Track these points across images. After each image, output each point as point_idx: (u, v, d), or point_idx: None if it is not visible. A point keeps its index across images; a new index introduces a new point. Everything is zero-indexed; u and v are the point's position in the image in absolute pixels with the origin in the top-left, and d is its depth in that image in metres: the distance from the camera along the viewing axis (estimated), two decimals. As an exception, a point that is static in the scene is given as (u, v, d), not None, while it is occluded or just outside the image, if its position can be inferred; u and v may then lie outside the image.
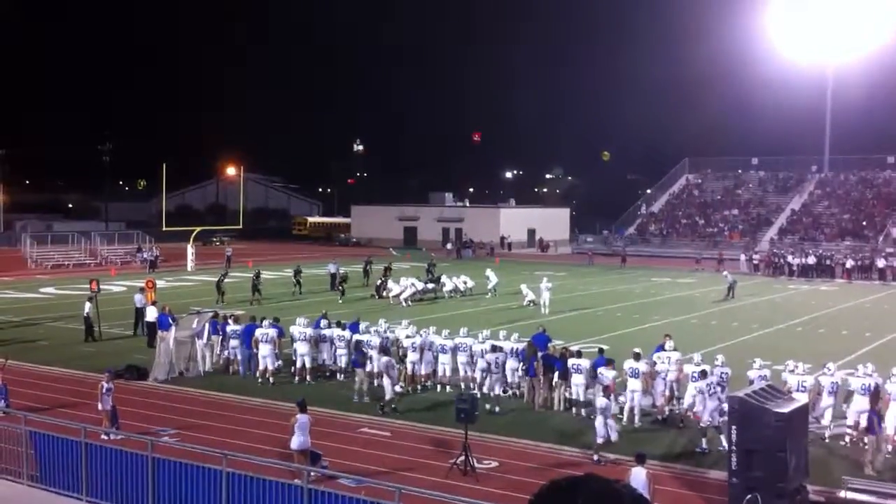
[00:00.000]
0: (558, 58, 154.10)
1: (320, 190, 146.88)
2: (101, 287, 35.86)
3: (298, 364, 23.58)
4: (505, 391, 21.97)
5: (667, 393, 20.32)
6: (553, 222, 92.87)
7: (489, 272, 44.22)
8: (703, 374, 18.76)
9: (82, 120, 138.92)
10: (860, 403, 17.98)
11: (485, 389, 21.77)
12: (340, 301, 39.45)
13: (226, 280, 40.42)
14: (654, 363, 20.48)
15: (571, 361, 20.69)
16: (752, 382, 18.52)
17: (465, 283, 43.52)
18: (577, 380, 20.45)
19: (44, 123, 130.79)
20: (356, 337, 23.22)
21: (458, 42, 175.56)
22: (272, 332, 23.46)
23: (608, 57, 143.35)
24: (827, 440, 18.38)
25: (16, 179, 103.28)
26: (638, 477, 13.42)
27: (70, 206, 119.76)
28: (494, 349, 21.99)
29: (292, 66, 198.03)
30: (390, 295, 40.40)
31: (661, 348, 21.29)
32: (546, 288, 37.99)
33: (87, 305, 29.74)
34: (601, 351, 21.64)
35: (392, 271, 45.43)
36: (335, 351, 23.78)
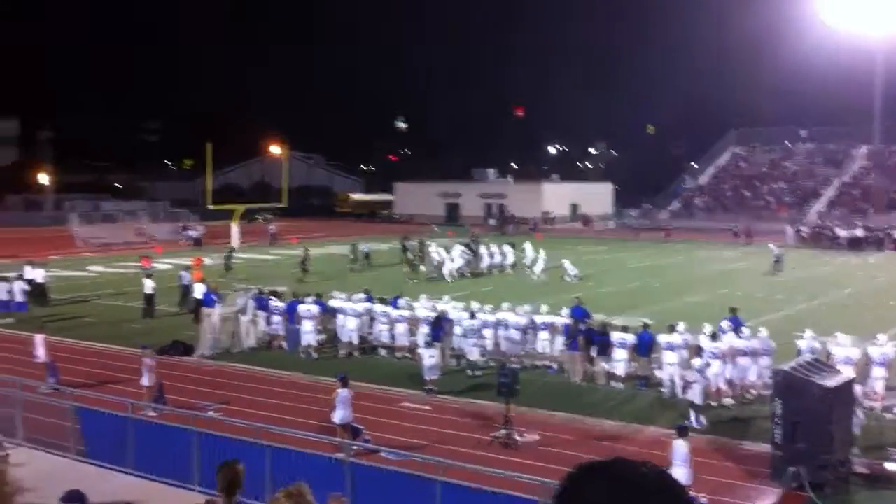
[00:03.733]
0: (601, 31, 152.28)
1: (363, 167, 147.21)
2: (151, 264, 36.43)
3: (345, 339, 23.75)
4: (548, 366, 21.97)
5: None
6: (596, 197, 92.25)
7: (527, 246, 44.02)
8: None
9: (129, 101, 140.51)
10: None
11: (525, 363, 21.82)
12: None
13: (236, 257, 41.14)
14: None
15: (617, 336, 20.60)
16: (800, 353, 18.32)
17: (503, 255, 43.49)
18: (621, 354, 20.34)
19: (91, 104, 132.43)
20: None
21: (500, 16, 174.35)
22: (315, 309, 23.66)
23: (652, 29, 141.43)
24: (879, 412, 18.11)
25: (64, 160, 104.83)
26: (679, 450, 13.36)
27: (117, 185, 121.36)
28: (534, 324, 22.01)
29: (335, 43, 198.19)
30: (436, 270, 40.44)
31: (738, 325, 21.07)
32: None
33: (149, 283, 30.17)
34: (646, 325, 21.50)
35: (427, 246, 45.24)
36: (377, 326, 23.94)
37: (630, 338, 20.47)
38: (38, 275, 32.59)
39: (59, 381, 19.44)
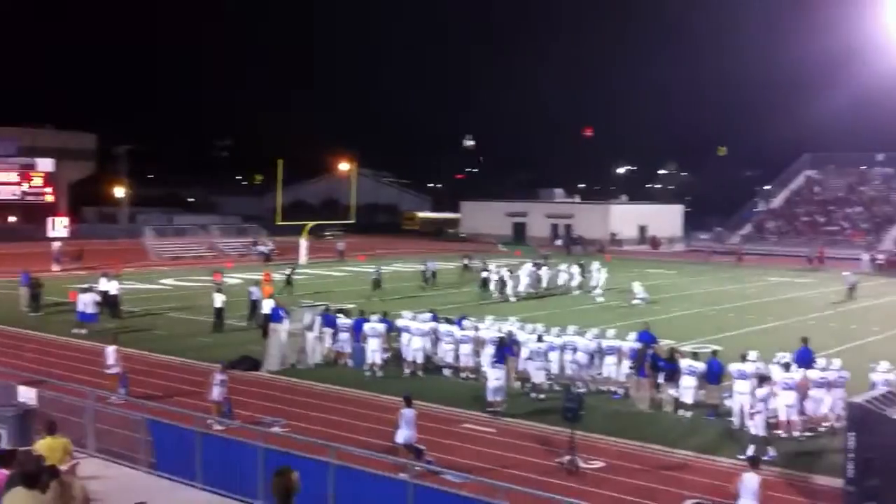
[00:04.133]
0: (671, 51, 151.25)
1: (430, 185, 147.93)
2: (222, 278, 37.08)
3: (409, 358, 23.80)
4: (614, 392, 21.72)
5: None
6: (665, 219, 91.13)
7: (595, 266, 43.68)
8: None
9: (203, 118, 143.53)
10: None
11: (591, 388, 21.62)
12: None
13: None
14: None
15: (685, 362, 20.24)
16: (873, 386, 17.81)
17: (570, 276, 43.24)
18: (689, 382, 19.96)
19: (166, 120, 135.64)
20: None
21: (570, 35, 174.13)
22: (380, 327, 23.76)
23: (725, 51, 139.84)
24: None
25: (140, 174, 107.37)
26: (749, 482, 13.04)
27: (190, 200, 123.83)
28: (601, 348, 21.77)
29: (404, 63, 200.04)
30: (496, 290, 40.31)
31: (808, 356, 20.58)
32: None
33: (219, 297, 30.66)
34: (714, 353, 21.12)
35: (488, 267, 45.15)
36: (442, 346, 23.94)
37: (700, 365, 20.08)
38: (112, 287, 33.34)
39: (129, 393, 19.81)
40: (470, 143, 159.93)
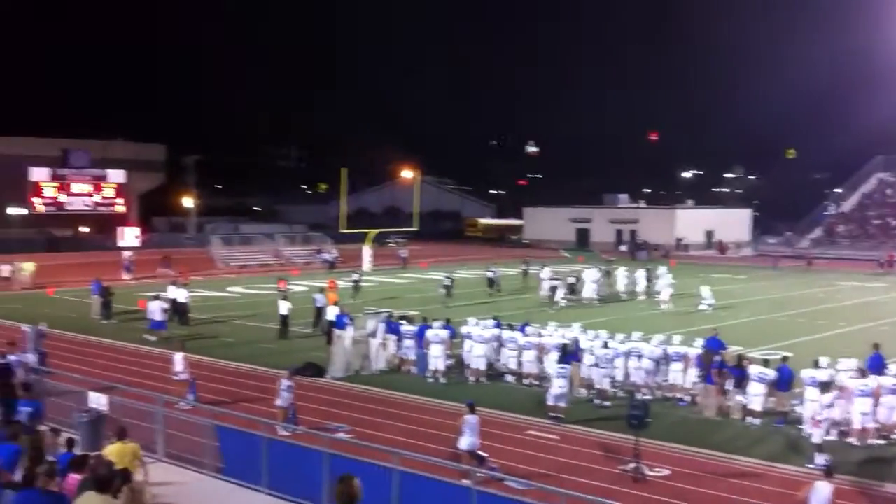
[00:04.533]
0: (738, 51, 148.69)
1: (492, 192, 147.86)
2: (287, 286, 37.52)
3: (472, 365, 23.78)
4: (680, 399, 21.42)
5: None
6: (733, 223, 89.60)
7: (661, 272, 43.16)
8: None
9: (268, 128, 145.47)
10: None
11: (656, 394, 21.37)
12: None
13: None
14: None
15: (755, 369, 19.83)
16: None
17: (635, 282, 42.83)
18: (758, 389, 19.55)
19: (232, 131, 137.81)
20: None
21: (635, 38, 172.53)
22: (443, 333, 23.79)
23: (793, 50, 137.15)
24: None
25: (207, 184, 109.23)
26: (821, 491, 12.73)
27: (256, 209, 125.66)
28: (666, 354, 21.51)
29: (466, 68, 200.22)
30: (548, 297, 40.20)
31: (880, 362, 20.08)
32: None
33: (284, 304, 31.02)
34: (785, 359, 20.68)
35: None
36: (505, 353, 23.88)
37: (770, 373, 19.65)
38: (180, 295, 33.96)
39: (197, 399, 20.14)
40: (533, 149, 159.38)
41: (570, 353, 21.61)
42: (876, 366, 19.82)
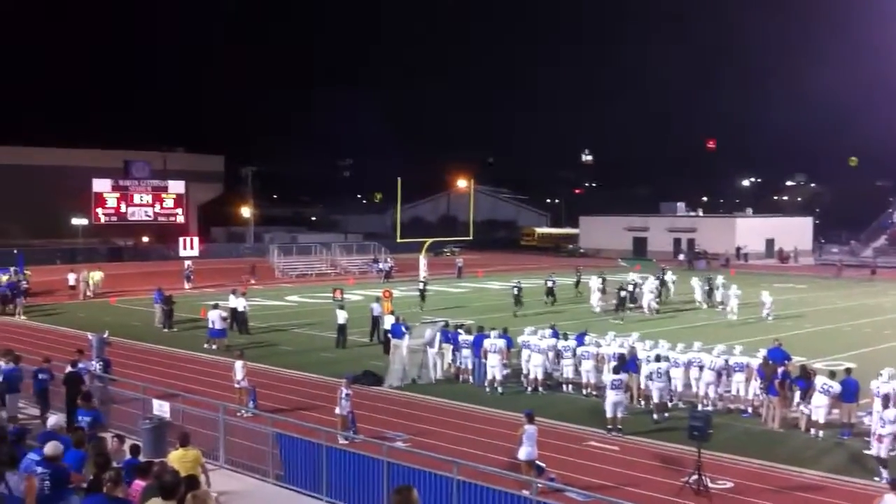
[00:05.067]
0: (796, 58, 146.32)
1: (548, 201, 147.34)
2: (342, 295, 37.82)
3: (531, 374, 23.66)
4: (742, 410, 21.07)
5: None
6: (794, 232, 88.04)
7: (719, 281, 42.52)
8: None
9: (324, 138, 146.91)
10: None
11: (718, 406, 21.05)
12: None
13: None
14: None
15: (820, 380, 19.41)
16: None
17: (692, 291, 42.34)
18: (822, 400, 19.13)
19: (289, 143, 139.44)
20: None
21: (690, 44, 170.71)
22: (500, 343, 23.69)
23: (853, 54, 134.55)
24: None
25: (265, 195, 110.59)
26: (890, 506, 12.38)
27: (313, 218, 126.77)
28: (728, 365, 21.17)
29: (522, 78, 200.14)
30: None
31: None
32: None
33: (342, 313, 31.22)
34: (848, 371, 20.21)
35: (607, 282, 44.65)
36: (563, 362, 23.71)
37: (835, 384, 19.20)
38: (239, 304, 34.35)
39: (258, 407, 20.33)
40: (588, 157, 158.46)
41: (627, 363, 21.37)
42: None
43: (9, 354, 19.54)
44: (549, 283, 44.44)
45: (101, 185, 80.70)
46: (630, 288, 40.85)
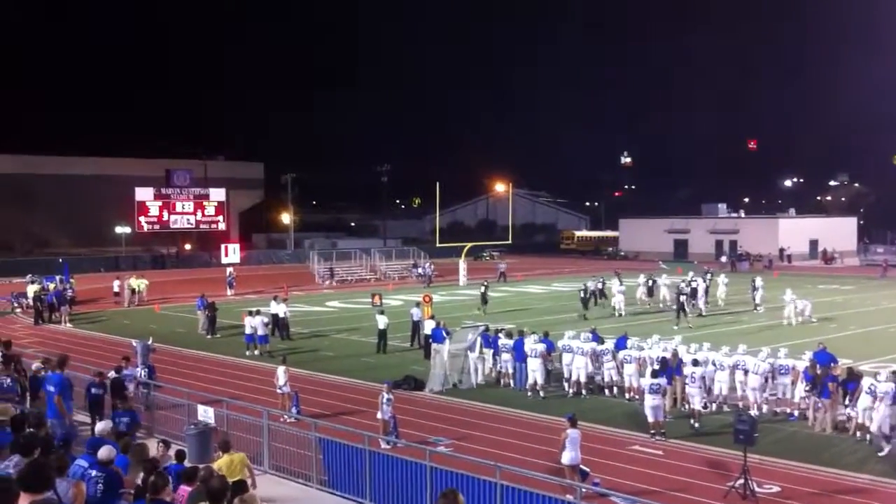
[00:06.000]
0: (837, 56, 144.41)
1: (587, 204, 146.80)
2: (381, 301, 37.95)
3: (573, 377, 23.54)
4: (789, 413, 20.79)
5: None
6: (838, 232, 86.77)
7: (757, 282, 41.90)
8: None
9: (362, 144, 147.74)
10: None
11: (764, 409, 20.79)
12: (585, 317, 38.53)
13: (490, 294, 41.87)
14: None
15: (867, 382, 19.06)
16: None
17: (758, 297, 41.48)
18: (869, 402, 18.80)
19: (328, 149, 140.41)
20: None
21: (734, 47, 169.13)
22: (541, 347, 23.60)
23: (893, 48, 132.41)
24: None
25: (305, 201, 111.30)
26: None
27: (352, 224, 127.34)
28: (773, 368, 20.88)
29: (560, 83, 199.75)
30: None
31: None
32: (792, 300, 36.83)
33: (382, 319, 31.30)
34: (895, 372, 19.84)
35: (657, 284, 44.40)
36: (605, 366, 23.56)
37: (884, 386, 18.87)
38: (280, 310, 34.57)
39: (300, 412, 20.44)
40: (627, 160, 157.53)
41: (668, 367, 21.15)
42: None
43: (51, 362, 19.81)
44: (599, 286, 44.02)
45: (143, 193, 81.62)
46: (688, 291, 39.80)
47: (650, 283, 44.47)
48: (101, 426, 13.15)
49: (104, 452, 10.62)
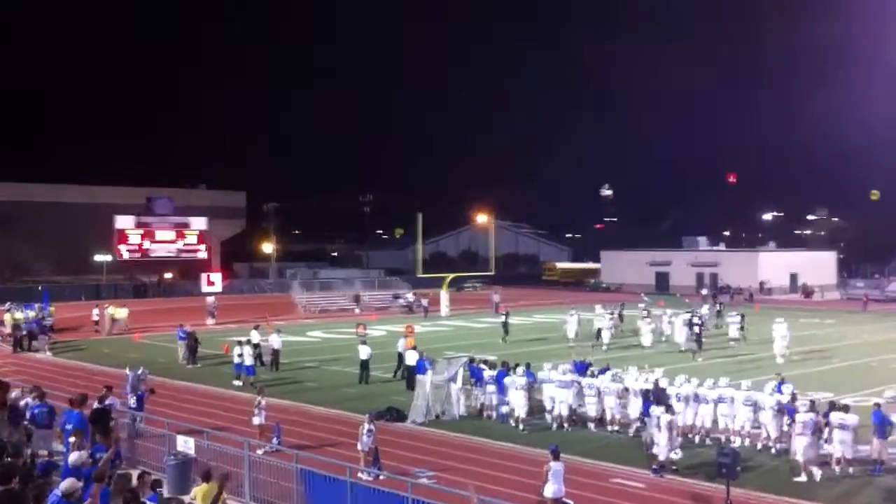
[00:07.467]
0: (816, 93, 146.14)
1: (569, 235, 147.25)
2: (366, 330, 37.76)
3: (556, 411, 23.46)
4: (767, 446, 20.79)
5: None
6: (817, 266, 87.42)
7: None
8: None
9: (345, 174, 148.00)
10: None
11: (746, 443, 20.79)
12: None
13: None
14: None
15: (836, 416, 19.12)
16: None
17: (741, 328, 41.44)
18: (841, 436, 18.83)
19: (311, 178, 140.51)
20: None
21: (718, 84, 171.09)
22: (521, 381, 23.51)
23: (872, 89, 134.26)
24: None
25: (287, 230, 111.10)
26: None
27: (334, 254, 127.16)
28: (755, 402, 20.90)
29: (543, 113, 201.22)
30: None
31: None
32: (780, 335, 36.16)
33: (364, 349, 31.15)
34: (878, 405, 19.92)
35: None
36: (585, 398, 23.48)
37: (851, 418, 18.93)
38: (275, 341, 34.22)
39: (282, 443, 20.27)
40: (607, 192, 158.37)
41: (649, 400, 21.10)
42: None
43: (35, 391, 19.55)
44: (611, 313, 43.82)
45: (123, 221, 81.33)
46: (700, 322, 39.49)
47: (618, 314, 44.72)
48: (76, 457, 12.95)
49: (67, 485, 10.67)
